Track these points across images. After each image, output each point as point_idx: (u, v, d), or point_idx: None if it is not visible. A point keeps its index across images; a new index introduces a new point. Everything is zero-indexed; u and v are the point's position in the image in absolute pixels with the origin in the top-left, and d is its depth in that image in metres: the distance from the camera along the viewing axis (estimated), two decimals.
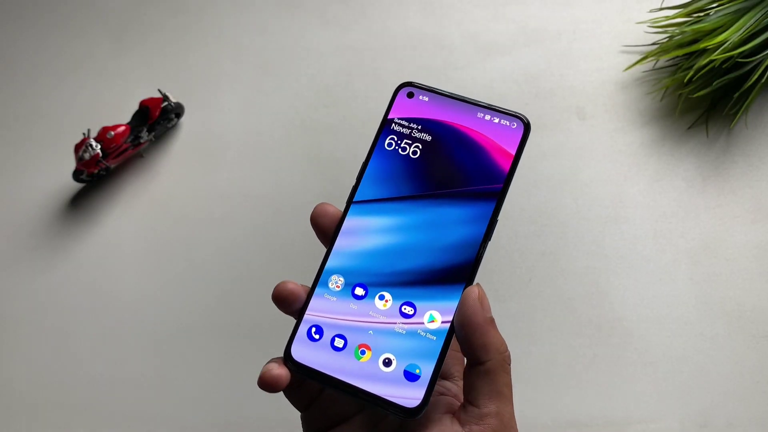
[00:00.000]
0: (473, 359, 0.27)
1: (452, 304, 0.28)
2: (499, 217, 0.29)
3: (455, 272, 0.28)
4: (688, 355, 0.54)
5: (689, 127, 0.63)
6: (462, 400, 0.28)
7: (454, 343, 0.29)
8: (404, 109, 0.31)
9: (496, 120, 0.30)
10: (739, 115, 0.61)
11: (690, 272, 0.57)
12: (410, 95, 0.31)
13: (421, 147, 0.30)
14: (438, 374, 0.27)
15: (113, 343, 0.61)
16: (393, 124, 0.31)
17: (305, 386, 0.30)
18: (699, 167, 0.61)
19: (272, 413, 0.56)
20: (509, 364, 0.27)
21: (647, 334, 0.55)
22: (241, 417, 0.57)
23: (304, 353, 0.28)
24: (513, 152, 0.30)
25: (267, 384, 0.27)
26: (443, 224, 0.29)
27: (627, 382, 0.54)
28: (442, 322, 0.28)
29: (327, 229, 0.30)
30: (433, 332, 0.28)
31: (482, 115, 0.30)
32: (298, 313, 0.29)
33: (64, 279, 0.65)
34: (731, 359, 0.54)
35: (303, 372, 0.28)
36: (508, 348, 0.28)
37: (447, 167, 0.30)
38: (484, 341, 0.27)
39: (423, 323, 0.28)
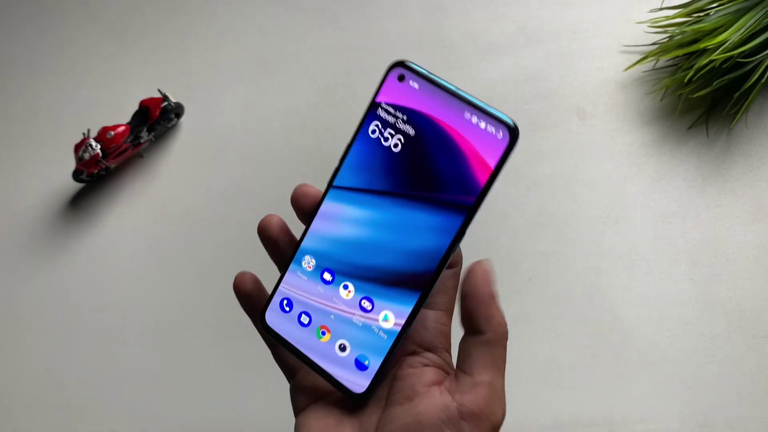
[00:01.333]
0: (474, 329, 0.28)
1: (406, 309, 0.28)
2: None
3: (414, 279, 0.28)
4: (688, 355, 0.54)
5: (689, 127, 0.63)
6: (446, 372, 0.29)
7: (440, 314, 0.30)
8: (393, 93, 0.30)
9: (483, 125, 0.28)
10: (739, 115, 0.61)
11: (690, 272, 0.57)
12: (401, 78, 0.30)
13: (402, 141, 0.29)
14: (385, 370, 0.28)
15: (113, 343, 0.61)
16: (379, 109, 0.30)
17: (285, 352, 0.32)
18: (699, 167, 0.61)
19: (271, 412, 0.56)
20: (507, 340, 0.28)
21: (647, 334, 0.55)
22: (240, 416, 0.57)
23: (276, 321, 0.30)
24: (492, 166, 0.27)
25: (236, 284, 0.31)
26: (411, 228, 0.29)
27: (627, 382, 0.54)
28: (395, 324, 0.28)
29: (307, 210, 0.32)
30: (386, 331, 0.29)
31: (470, 116, 0.28)
32: (292, 251, 0.31)
33: (64, 279, 0.65)
34: (731, 359, 0.54)
35: (273, 336, 0.30)
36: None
37: (424, 168, 0.29)
38: (488, 313, 0.27)
39: (378, 321, 0.29)
